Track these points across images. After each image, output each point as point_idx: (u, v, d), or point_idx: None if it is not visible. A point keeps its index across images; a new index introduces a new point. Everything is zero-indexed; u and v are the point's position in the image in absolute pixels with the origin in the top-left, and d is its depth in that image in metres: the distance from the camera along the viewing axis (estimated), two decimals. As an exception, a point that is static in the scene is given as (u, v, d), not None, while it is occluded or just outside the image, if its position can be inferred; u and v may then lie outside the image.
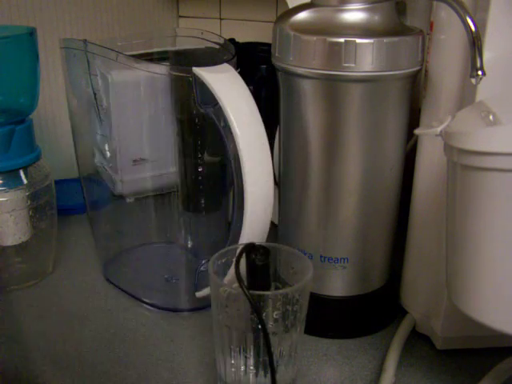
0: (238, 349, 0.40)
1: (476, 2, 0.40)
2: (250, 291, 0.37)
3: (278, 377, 0.41)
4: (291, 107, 0.47)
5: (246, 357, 0.40)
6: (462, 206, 0.35)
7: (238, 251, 0.39)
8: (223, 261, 0.42)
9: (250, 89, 0.46)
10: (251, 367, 0.40)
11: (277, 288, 0.44)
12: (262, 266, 0.39)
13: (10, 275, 0.59)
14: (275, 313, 0.39)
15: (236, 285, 0.42)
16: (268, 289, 0.40)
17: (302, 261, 0.42)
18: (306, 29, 0.43)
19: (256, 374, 0.41)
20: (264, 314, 0.38)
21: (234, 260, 0.39)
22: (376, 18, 0.43)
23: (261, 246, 0.40)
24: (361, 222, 0.48)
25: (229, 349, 0.40)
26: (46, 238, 0.60)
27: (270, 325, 0.39)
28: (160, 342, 0.50)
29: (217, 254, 0.41)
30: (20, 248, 0.58)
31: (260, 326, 0.36)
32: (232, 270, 0.43)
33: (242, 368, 0.41)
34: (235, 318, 0.39)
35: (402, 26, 0.45)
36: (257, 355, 0.40)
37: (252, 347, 0.39)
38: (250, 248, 0.39)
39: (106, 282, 0.59)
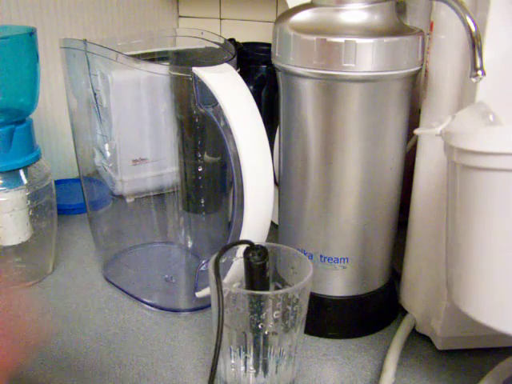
0: (237, 349, 0.40)
1: (476, 2, 0.40)
2: (250, 291, 0.37)
3: (277, 377, 0.41)
4: (291, 107, 0.47)
5: (245, 357, 0.40)
6: (462, 206, 0.35)
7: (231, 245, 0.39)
8: (223, 261, 0.42)
9: (249, 89, 0.46)
10: (251, 367, 0.40)
11: (277, 288, 0.44)
12: (259, 265, 0.39)
13: (9, 275, 0.59)
14: (275, 313, 0.39)
15: (236, 284, 0.42)
16: (267, 289, 0.40)
17: (301, 261, 0.42)
18: (306, 29, 0.43)
19: (256, 374, 0.41)
20: (264, 314, 0.38)
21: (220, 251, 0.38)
22: (376, 17, 0.43)
23: (259, 246, 0.40)
24: (361, 222, 0.48)
25: (229, 349, 0.40)
26: (46, 238, 0.60)
27: (270, 325, 0.39)
28: (160, 342, 0.50)
29: (216, 254, 0.42)
30: (20, 248, 0.58)
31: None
32: (232, 270, 0.44)
33: (242, 368, 0.41)
34: (235, 318, 0.39)
35: (402, 25, 0.45)
36: (256, 355, 0.40)
37: (252, 347, 0.39)
38: (248, 247, 0.39)
39: (106, 281, 0.59)
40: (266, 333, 0.39)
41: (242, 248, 0.41)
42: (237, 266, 0.44)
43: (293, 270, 0.43)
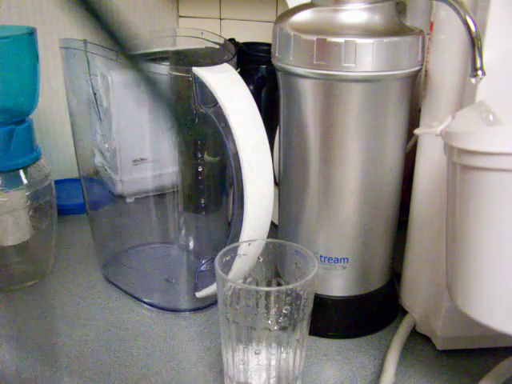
0: (246, 345, 0.40)
1: (476, 2, 0.40)
2: (260, 288, 0.37)
3: (286, 371, 0.41)
4: (291, 107, 0.47)
5: (255, 352, 0.40)
6: (462, 206, 0.35)
7: None
8: (227, 259, 0.43)
9: (249, 89, 0.46)
10: (260, 362, 0.41)
11: (279, 284, 0.44)
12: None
13: (9, 275, 0.59)
14: (284, 308, 0.39)
15: (240, 280, 0.42)
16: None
17: (305, 256, 0.42)
18: (305, 29, 0.43)
19: (265, 369, 0.41)
20: (274, 310, 0.38)
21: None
22: (376, 18, 0.43)
23: None
24: (361, 222, 0.48)
25: (237, 345, 0.40)
26: (46, 238, 0.60)
27: (279, 320, 0.39)
28: (160, 342, 0.50)
29: (222, 252, 0.42)
30: (20, 248, 0.58)
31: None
32: (235, 266, 0.44)
33: (252, 363, 0.41)
34: (244, 314, 0.39)
35: (402, 25, 0.45)
36: (266, 350, 0.40)
37: (261, 342, 0.40)
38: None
39: (106, 282, 0.59)
40: (276, 328, 0.39)
41: (244, 244, 0.42)
42: (240, 262, 0.44)
43: (296, 265, 0.43)
